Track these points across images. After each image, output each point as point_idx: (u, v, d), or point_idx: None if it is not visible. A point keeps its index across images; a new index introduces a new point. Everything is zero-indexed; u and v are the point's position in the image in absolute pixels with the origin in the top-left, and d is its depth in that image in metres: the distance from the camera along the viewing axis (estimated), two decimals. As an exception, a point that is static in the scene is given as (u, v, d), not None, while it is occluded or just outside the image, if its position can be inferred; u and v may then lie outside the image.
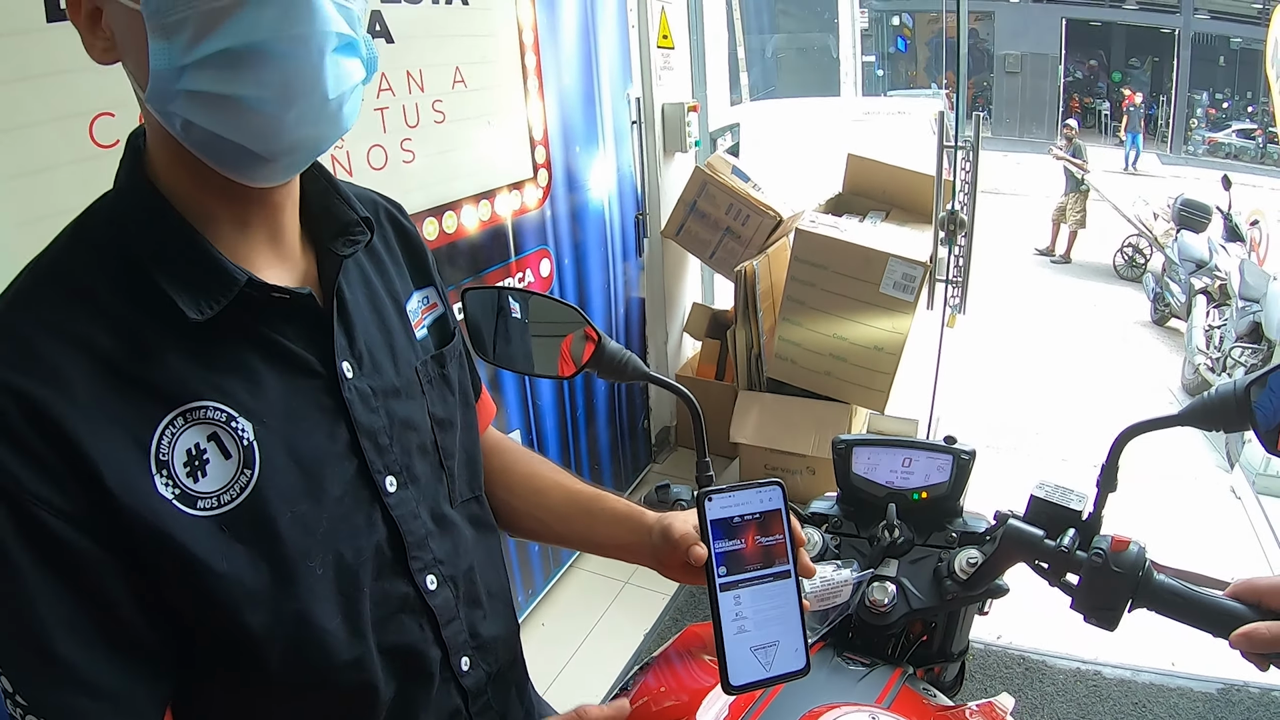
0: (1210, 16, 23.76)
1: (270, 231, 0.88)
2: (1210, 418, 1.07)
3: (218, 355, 0.80)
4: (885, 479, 1.37)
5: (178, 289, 0.78)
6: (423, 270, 1.10)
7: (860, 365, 3.82)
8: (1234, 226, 8.03)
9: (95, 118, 1.69)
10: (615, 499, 1.22)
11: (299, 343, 0.86)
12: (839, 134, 9.71)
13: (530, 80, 3.09)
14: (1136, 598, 1.07)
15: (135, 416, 0.75)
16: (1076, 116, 20.89)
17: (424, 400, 1.00)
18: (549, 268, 3.32)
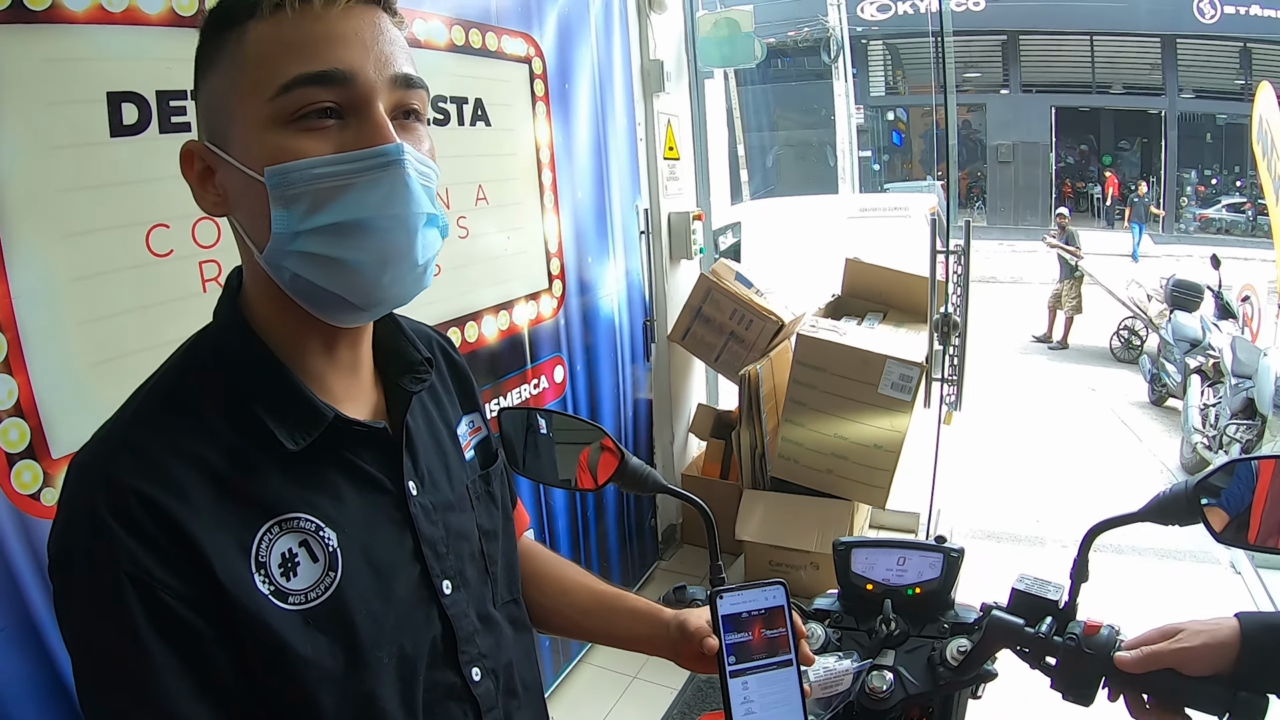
0: (1195, 96, 24.21)
1: (350, 363, 1.01)
2: (1165, 514, 1.21)
3: (308, 474, 0.92)
4: (882, 577, 1.47)
5: (276, 423, 0.90)
6: (470, 397, 1.24)
7: (861, 463, 3.93)
8: (1226, 304, 8.04)
9: (151, 228, 1.85)
10: (635, 598, 1.34)
11: (373, 465, 0.98)
12: (837, 231, 9.84)
13: (547, 195, 3.28)
14: (1109, 675, 1.18)
15: (239, 524, 0.87)
16: (1069, 203, 21.13)
17: (473, 514, 1.12)
18: (562, 374, 3.45)
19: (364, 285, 0.89)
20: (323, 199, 0.85)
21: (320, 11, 0.85)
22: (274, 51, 0.84)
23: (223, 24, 0.87)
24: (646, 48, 4.21)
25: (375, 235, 0.87)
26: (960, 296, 3.91)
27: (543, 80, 3.23)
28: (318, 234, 0.85)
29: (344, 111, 0.86)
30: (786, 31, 20.47)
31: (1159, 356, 8.38)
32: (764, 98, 23.16)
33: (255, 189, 0.85)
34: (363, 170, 0.85)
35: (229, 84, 0.86)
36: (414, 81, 0.91)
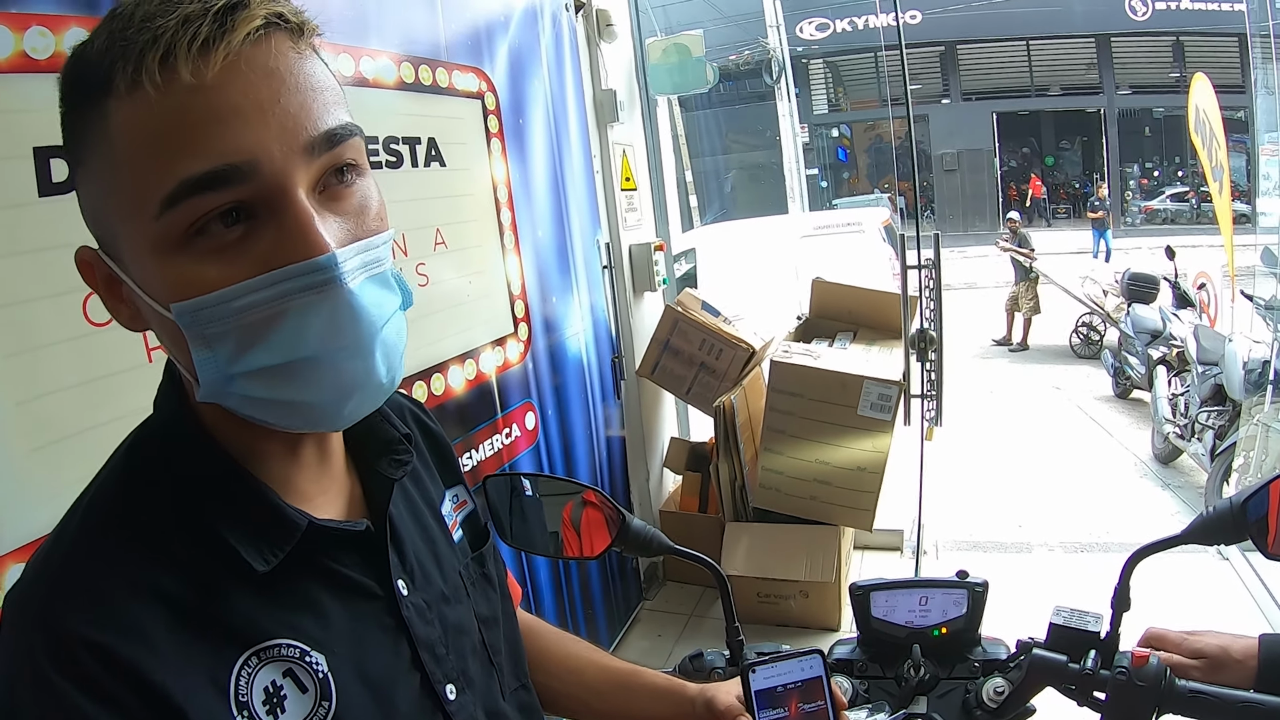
0: (1132, 91, 24.92)
1: (319, 456, 0.86)
2: (1210, 534, 1.17)
3: (284, 592, 0.78)
4: (904, 619, 1.39)
5: (240, 540, 0.75)
6: (451, 468, 1.10)
7: (845, 487, 3.87)
8: (1183, 294, 8.17)
9: (88, 295, 1.66)
10: (652, 673, 1.23)
11: (356, 569, 0.85)
12: (791, 251, 9.89)
13: (507, 235, 3.18)
14: (1163, 705, 1.13)
15: (212, 659, 0.72)
16: (1016, 206, 21.45)
17: (470, 602, 1.00)
18: (534, 420, 3.35)
19: (323, 418, 0.76)
20: (251, 336, 0.68)
21: (190, 78, 0.64)
22: (145, 149, 0.65)
23: (80, 97, 0.68)
24: (598, 78, 4.15)
25: (325, 370, 0.71)
26: (934, 310, 3.86)
27: (496, 116, 3.14)
28: (255, 377, 0.70)
29: (253, 208, 0.67)
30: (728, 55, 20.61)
31: (1120, 350, 8.51)
32: (709, 122, 23.38)
33: (165, 322, 0.70)
34: (293, 293, 0.68)
35: (103, 189, 0.69)
36: (340, 134, 0.71)
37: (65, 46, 1.64)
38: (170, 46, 0.63)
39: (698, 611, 4.39)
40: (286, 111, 0.67)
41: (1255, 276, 6.14)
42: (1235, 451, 5.21)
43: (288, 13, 0.70)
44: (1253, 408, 5.18)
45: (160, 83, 0.63)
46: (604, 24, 4.10)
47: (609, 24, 4.12)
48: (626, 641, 4.16)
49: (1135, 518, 5.59)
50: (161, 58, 0.63)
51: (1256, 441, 4.91)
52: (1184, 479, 6.39)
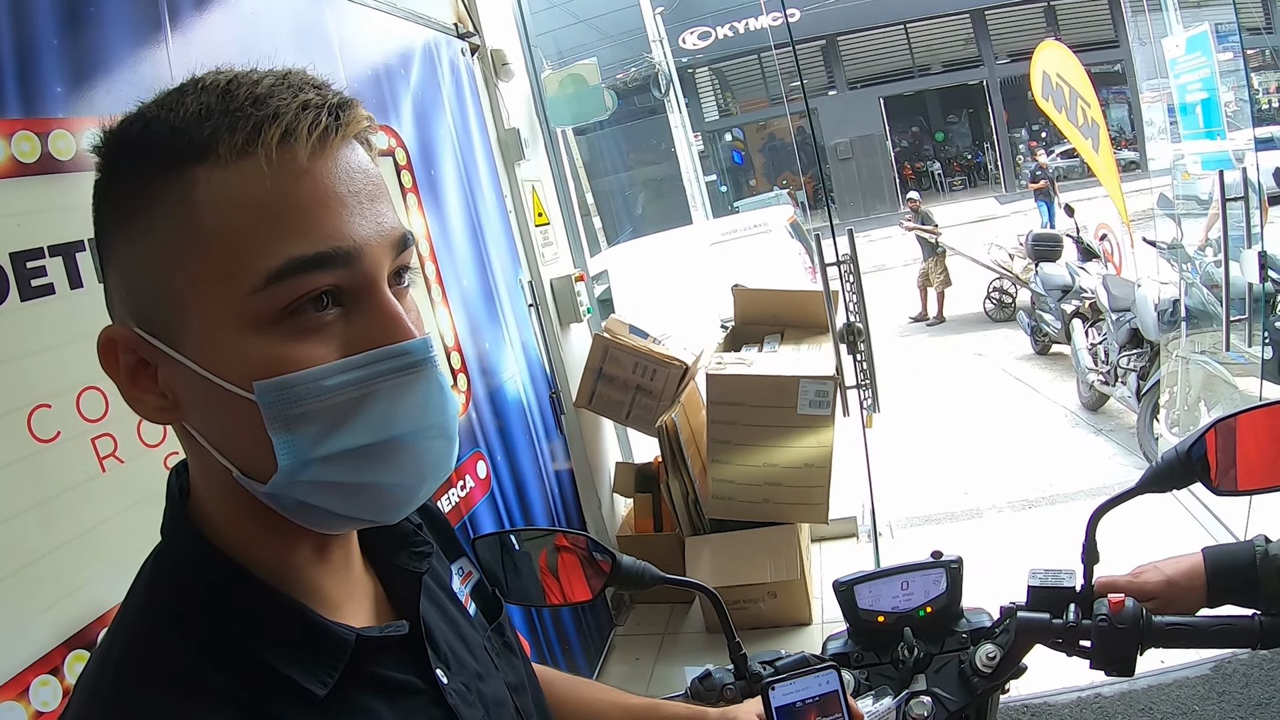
0: (1010, 60, 25.41)
1: (344, 559, 0.84)
2: (1163, 480, 1.28)
3: (339, 709, 0.73)
4: (890, 605, 1.44)
5: (292, 667, 0.71)
6: (451, 543, 1.07)
7: (796, 485, 3.94)
8: (1087, 247, 8.40)
9: (32, 411, 1.56)
10: (672, 705, 1.24)
11: (398, 669, 0.81)
12: (703, 260, 9.94)
13: (434, 289, 3.16)
14: (1144, 641, 1.24)
15: None
16: (914, 185, 21.81)
17: (499, 674, 0.98)
18: (485, 469, 3.34)
19: (397, 504, 0.74)
20: (340, 416, 0.67)
21: (306, 163, 0.65)
22: (249, 221, 0.64)
23: (151, 164, 0.65)
24: (500, 117, 4.17)
25: (413, 451, 0.71)
26: (857, 302, 3.94)
27: (409, 171, 3.12)
28: (338, 459, 0.67)
29: (343, 297, 0.68)
30: (615, 74, 20.72)
31: (1034, 309, 8.73)
32: (607, 142, 23.45)
33: (235, 405, 0.66)
34: (386, 374, 0.68)
35: (174, 260, 0.65)
36: (409, 239, 0.74)
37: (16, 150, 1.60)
38: (292, 127, 0.64)
39: (670, 629, 4.41)
40: (378, 210, 0.70)
41: (1155, 220, 6.34)
42: (1160, 389, 5.40)
43: (373, 121, 0.72)
44: (1170, 345, 5.38)
45: (275, 159, 0.64)
46: (500, 63, 4.13)
47: (505, 62, 4.15)
48: (606, 669, 4.16)
49: (1075, 467, 5.77)
50: (282, 136, 0.64)
51: (1179, 376, 5.11)
52: (1114, 422, 6.61)
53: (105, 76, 1.87)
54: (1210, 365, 4.77)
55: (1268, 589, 1.25)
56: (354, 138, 0.71)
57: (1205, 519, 4.26)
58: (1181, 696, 3.11)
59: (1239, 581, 1.28)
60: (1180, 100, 4.76)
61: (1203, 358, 4.87)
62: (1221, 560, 1.31)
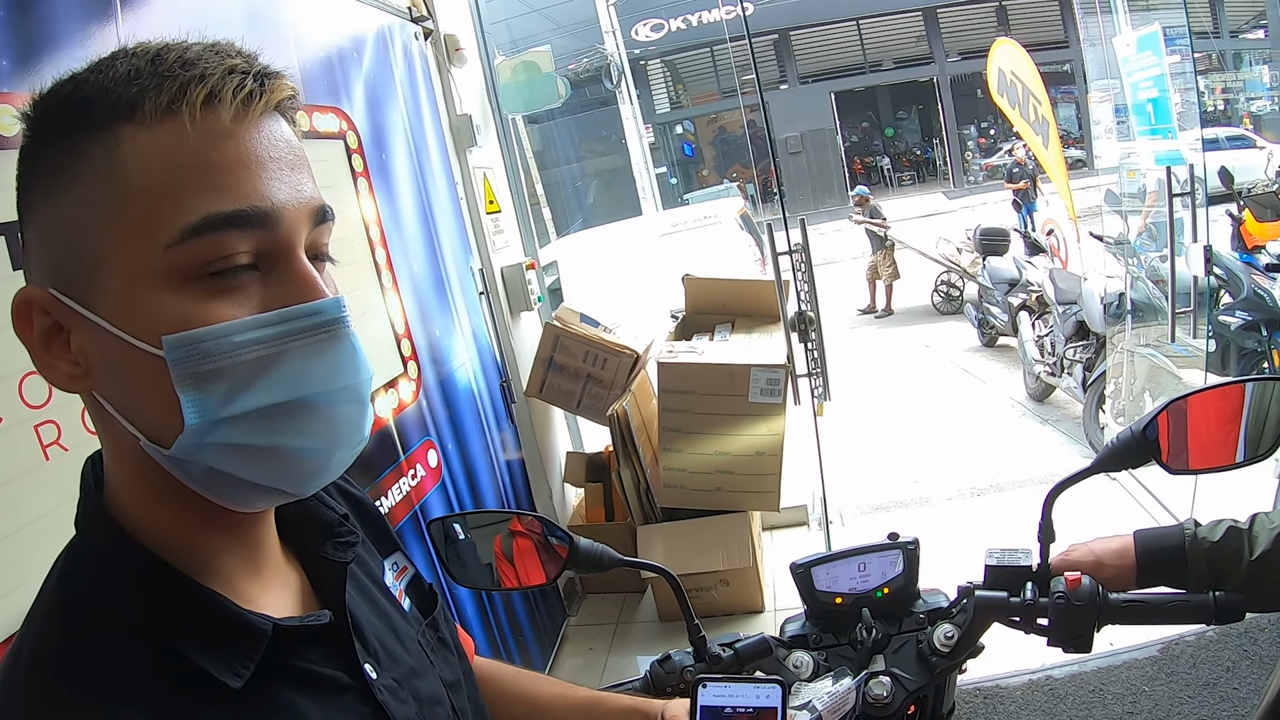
0: (961, 58, 25.81)
1: (260, 546, 0.82)
2: (1117, 460, 1.30)
3: (258, 705, 0.72)
4: (848, 587, 1.45)
5: (206, 658, 0.69)
6: (384, 536, 1.06)
7: (747, 473, 3.95)
8: (1034, 242, 8.57)
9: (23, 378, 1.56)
10: (616, 697, 1.25)
11: (323, 663, 0.80)
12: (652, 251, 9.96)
13: (384, 274, 3.12)
14: (1101, 618, 1.26)
15: None
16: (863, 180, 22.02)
17: (435, 670, 0.96)
18: (436, 457, 3.30)
19: (308, 472, 0.73)
20: (249, 374, 0.66)
21: (229, 125, 0.67)
22: (169, 177, 0.65)
23: (78, 124, 0.66)
24: (452, 103, 4.14)
25: (323, 413, 0.71)
26: (809, 291, 3.96)
27: (360, 154, 3.07)
28: (247, 419, 0.67)
29: (259, 259, 0.69)
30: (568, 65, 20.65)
31: (981, 302, 8.86)
32: (558, 132, 23.37)
33: (144, 364, 0.65)
34: (298, 333, 0.68)
35: (95, 216, 0.65)
36: (329, 213, 0.75)
37: None
38: (217, 89, 0.66)
39: (623, 619, 4.41)
40: (298, 178, 0.71)
41: (1102, 216, 6.45)
42: (1105, 380, 5.51)
43: (298, 94, 0.73)
44: (1115, 337, 5.49)
45: (199, 118, 0.65)
46: (453, 48, 4.10)
47: (458, 48, 4.11)
48: (559, 661, 4.15)
49: (1023, 455, 5.89)
50: (206, 96, 0.65)
51: (1124, 368, 5.23)
52: (1060, 412, 6.75)
53: (53, 53, 1.81)
54: (1155, 357, 4.88)
55: (1195, 570, 1.28)
56: (278, 111, 0.72)
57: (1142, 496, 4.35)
58: (1131, 677, 3.16)
59: (1168, 563, 1.30)
60: (1133, 98, 4.84)
61: (1148, 350, 4.99)
62: (1151, 542, 1.33)
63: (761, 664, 1.38)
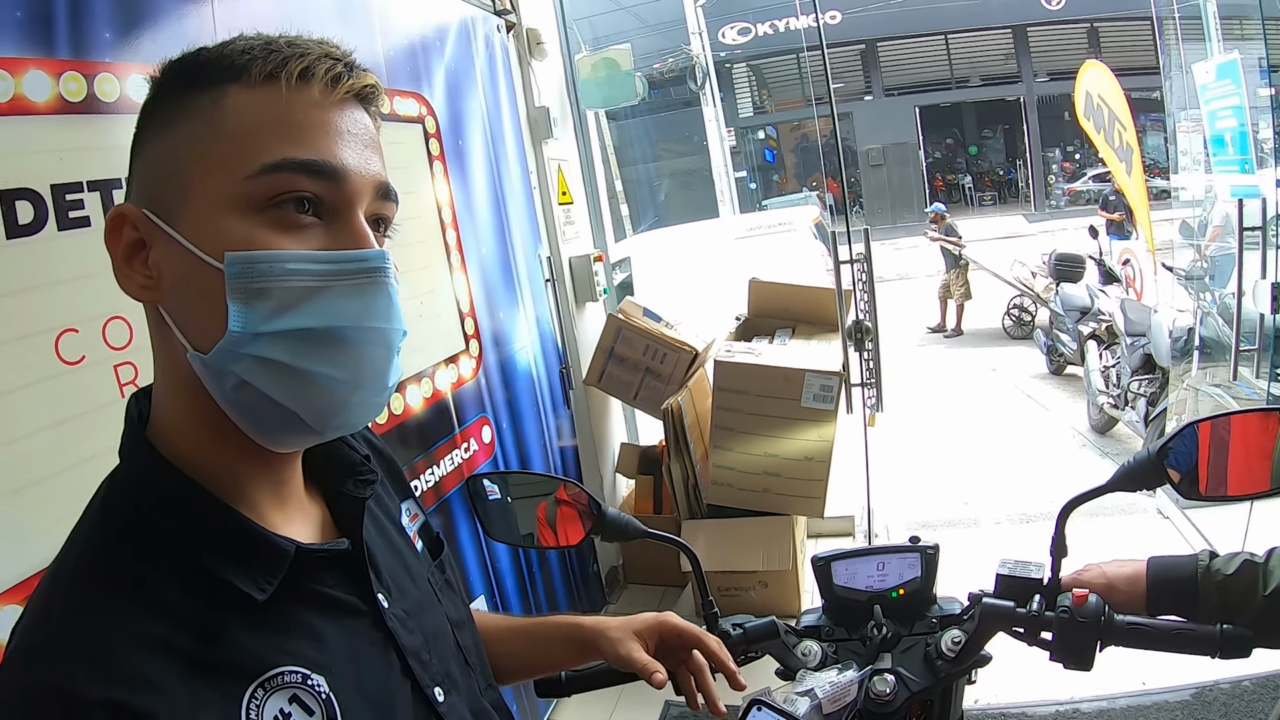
0: (1049, 78, 25.38)
1: (288, 481, 0.90)
2: (1132, 480, 1.31)
3: (278, 620, 0.80)
4: (865, 584, 1.48)
5: (233, 573, 0.78)
6: (400, 483, 1.13)
7: (794, 477, 3.97)
8: (1108, 270, 8.39)
9: (60, 334, 1.67)
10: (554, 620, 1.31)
11: (341, 588, 0.88)
12: (725, 254, 9.95)
13: (453, 255, 3.24)
14: (1104, 638, 1.26)
15: (221, 698, 0.74)
16: (942, 197, 21.76)
17: (441, 608, 1.04)
18: (490, 434, 3.40)
19: (328, 405, 0.80)
20: (293, 299, 0.75)
21: (318, 97, 0.78)
22: (261, 126, 0.76)
23: (194, 81, 0.77)
24: (531, 95, 4.23)
25: (352, 349, 0.78)
26: (868, 301, 3.99)
27: (437, 139, 3.20)
28: (283, 338, 0.75)
29: (322, 210, 0.78)
30: (652, 64, 20.70)
31: (1052, 329, 8.71)
32: (638, 131, 23.40)
33: (206, 277, 0.74)
34: (343, 274, 0.77)
35: (193, 149, 0.76)
36: (392, 194, 0.85)
37: (26, 89, 1.66)
38: (312, 66, 0.78)
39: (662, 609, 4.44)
40: (368, 154, 0.82)
41: (1174, 249, 6.34)
42: (1167, 416, 5.40)
43: (381, 89, 0.84)
44: (1181, 374, 5.37)
45: (293, 86, 0.77)
46: (534, 42, 4.19)
47: (539, 42, 4.20)
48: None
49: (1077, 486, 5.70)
50: (302, 71, 0.77)
51: (1186, 405, 5.11)
52: (1121, 446, 6.60)
53: (152, 28, 1.98)
54: (1220, 397, 4.77)
55: (1206, 602, 1.27)
56: (360, 99, 0.83)
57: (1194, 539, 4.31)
58: (1159, 718, 3.12)
59: (1179, 593, 1.30)
60: (1210, 127, 4.76)
61: (1214, 389, 4.88)
62: (1164, 570, 1.33)
63: (768, 647, 1.43)
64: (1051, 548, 1.37)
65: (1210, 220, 5.00)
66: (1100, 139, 7.92)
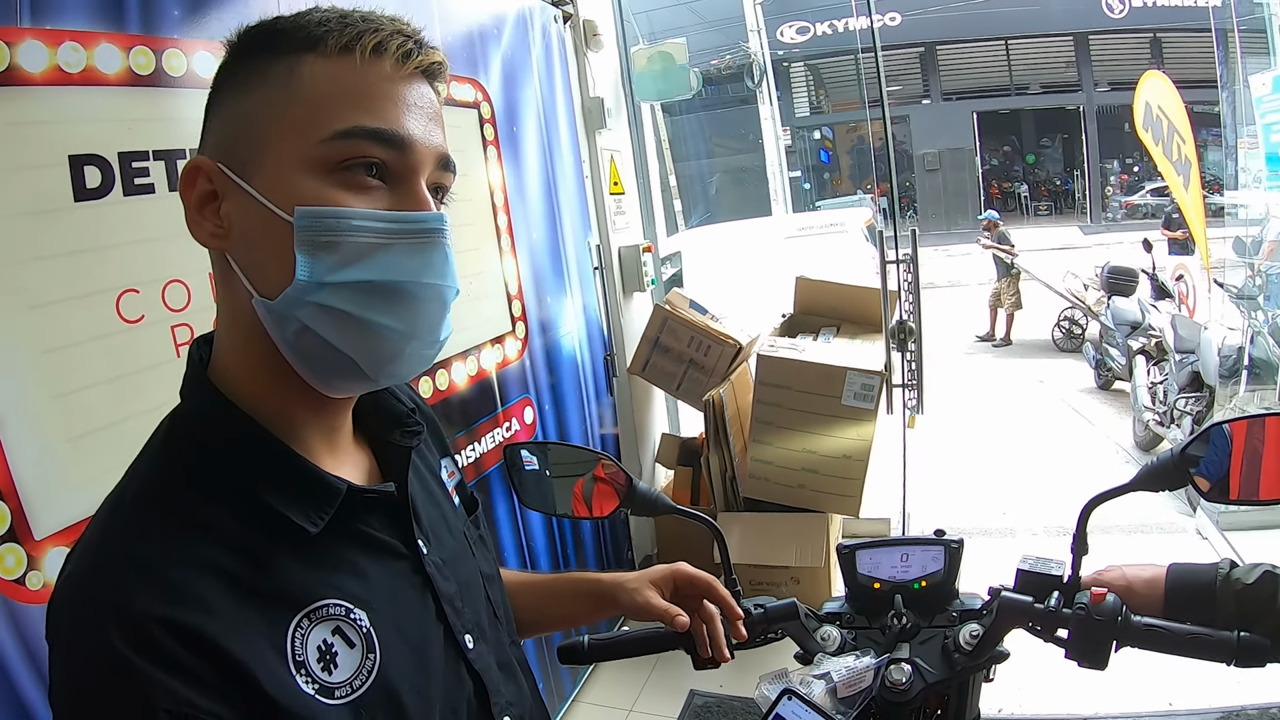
0: (1110, 88, 24.85)
1: (339, 429, 0.96)
2: (1155, 481, 1.30)
3: (324, 555, 0.86)
4: (888, 574, 1.49)
5: (288, 506, 0.83)
6: (440, 441, 1.20)
7: (831, 475, 3.98)
8: (1161, 285, 8.23)
9: (121, 294, 1.78)
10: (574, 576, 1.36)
11: (384, 531, 0.93)
12: (775, 252, 9.92)
13: (504, 238, 3.31)
14: (1120, 638, 1.25)
15: (268, 625, 0.79)
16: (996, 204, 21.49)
17: (474, 561, 1.10)
18: (532, 415, 3.46)
19: (383, 353, 0.85)
20: (356, 253, 0.81)
21: (389, 70, 0.84)
22: (336, 94, 0.81)
23: (272, 48, 0.83)
24: (586, 85, 4.28)
25: (409, 302, 0.84)
26: (912, 303, 3.99)
27: (492, 124, 3.26)
28: (345, 289, 0.81)
29: (387, 175, 0.84)
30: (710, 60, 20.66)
31: (1101, 342, 8.55)
32: (693, 126, 23.37)
33: (277, 228, 0.80)
34: (404, 233, 0.83)
35: (269, 111, 0.82)
36: (451, 165, 0.91)
37: (97, 61, 1.75)
38: (385, 42, 0.83)
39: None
40: (432, 127, 0.87)
41: (1226, 266, 6.25)
42: (1211, 437, 5.31)
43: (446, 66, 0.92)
44: (1229, 394, 5.30)
45: (367, 59, 0.82)
46: (591, 34, 4.23)
47: (595, 34, 4.25)
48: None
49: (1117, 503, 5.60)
50: (376, 45, 0.83)
51: (1232, 426, 5.03)
52: (1164, 464, 6.48)
53: (219, 6, 2.07)
54: (1265, 420, 4.70)
55: (1224, 611, 1.25)
56: (427, 75, 0.89)
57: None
58: (1185, 743, 3.07)
59: (1197, 599, 1.29)
60: (1265, 141, 4.70)
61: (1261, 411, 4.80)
62: (1183, 576, 1.32)
63: (788, 628, 1.45)
64: (1072, 545, 1.37)
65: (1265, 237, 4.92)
66: (1158, 151, 7.79)
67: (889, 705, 1.38)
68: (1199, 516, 4.74)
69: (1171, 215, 13.74)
